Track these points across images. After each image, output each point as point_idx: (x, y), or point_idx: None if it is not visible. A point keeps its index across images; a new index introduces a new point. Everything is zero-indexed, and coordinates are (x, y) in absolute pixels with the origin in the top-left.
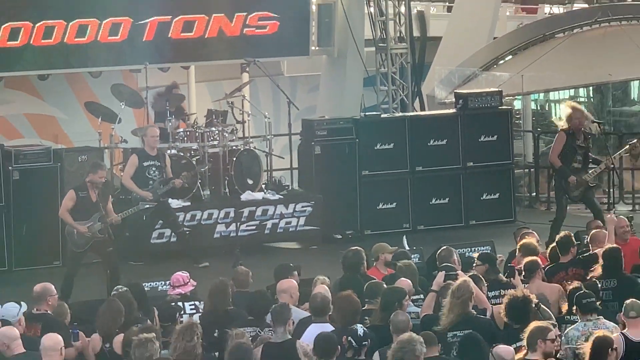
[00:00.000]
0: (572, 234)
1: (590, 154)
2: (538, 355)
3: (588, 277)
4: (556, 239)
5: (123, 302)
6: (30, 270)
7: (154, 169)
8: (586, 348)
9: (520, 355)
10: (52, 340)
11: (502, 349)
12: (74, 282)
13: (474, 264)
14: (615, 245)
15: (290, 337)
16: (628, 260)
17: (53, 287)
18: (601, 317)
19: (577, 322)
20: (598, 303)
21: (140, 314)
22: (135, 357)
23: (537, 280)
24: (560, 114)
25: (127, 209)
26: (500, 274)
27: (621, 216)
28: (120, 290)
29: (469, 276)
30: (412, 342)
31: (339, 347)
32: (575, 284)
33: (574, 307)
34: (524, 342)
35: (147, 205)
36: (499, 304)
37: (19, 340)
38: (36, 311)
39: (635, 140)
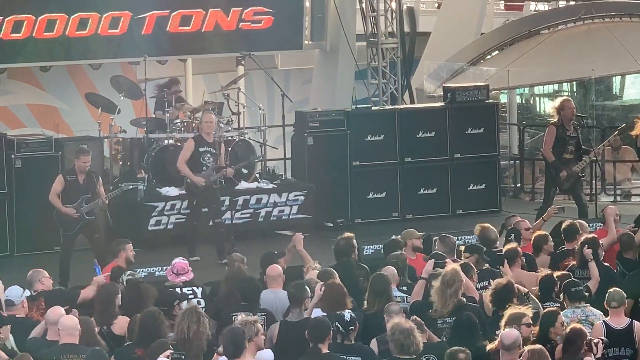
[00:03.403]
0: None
1: (581, 143)
2: None
3: (565, 268)
4: (562, 227)
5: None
6: (31, 255)
7: (208, 155)
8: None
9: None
10: (73, 320)
11: (504, 333)
12: (69, 266)
13: (463, 256)
14: (592, 235)
15: (306, 316)
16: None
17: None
18: (588, 304)
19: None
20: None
21: None
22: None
23: (516, 268)
24: (550, 107)
25: (113, 190)
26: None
27: (611, 205)
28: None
29: (460, 265)
30: (410, 328)
31: (331, 332)
32: (546, 272)
33: (562, 295)
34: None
35: (131, 186)
36: None
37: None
38: (34, 292)
39: (623, 125)
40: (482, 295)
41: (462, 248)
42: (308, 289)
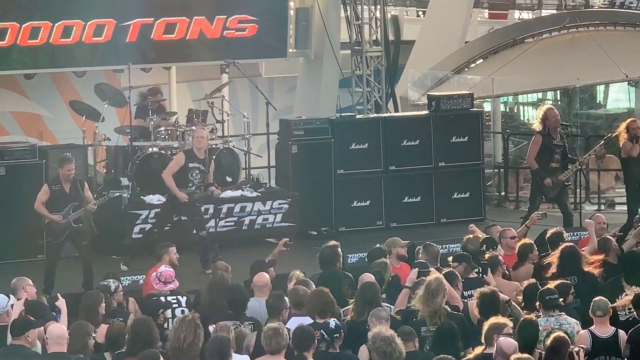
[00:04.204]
0: (561, 229)
1: (567, 152)
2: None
3: (546, 276)
4: (547, 235)
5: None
6: (14, 263)
7: (197, 171)
8: (545, 347)
9: (479, 350)
10: (61, 329)
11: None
12: (55, 274)
13: (451, 266)
14: (571, 243)
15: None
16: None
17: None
18: (563, 313)
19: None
20: (561, 300)
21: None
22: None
23: (497, 276)
24: (535, 117)
25: (100, 197)
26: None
27: (598, 213)
28: (107, 283)
29: (444, 273)
30: (391, 335)
31: (316, 340)
32: (531, 281)
33: (537, 303)
34: (482, 339)
35: (118, 193)
36: None
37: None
38: (17, 300)
39: (609, 135)
40: (467, 304)
41: (450, 258)
42: (287, 300)
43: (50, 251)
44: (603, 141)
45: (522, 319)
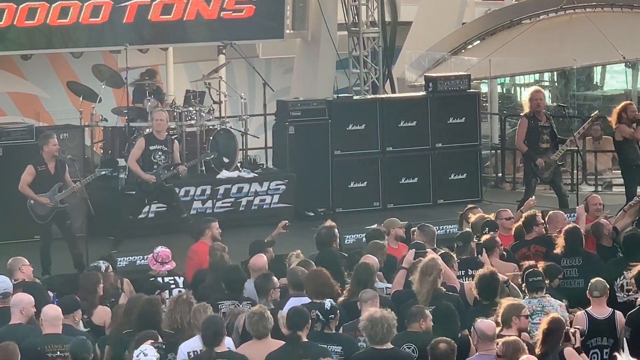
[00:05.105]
0: (539, 213)
1: (555, 132)
2: (513, 331)
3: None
4: (522, 218)
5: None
6: (11, 244)
7: (160, 153)
8: (539, 330)
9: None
10: (56, 310)
11: (484, 323)
12: (50, 255)
13: (456, 245)
14: (575, 224)
15: (273, 307)
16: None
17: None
18: (547, 295)
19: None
20: (556, 281)
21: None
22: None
23: (494, 257)
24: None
25: (87, 176)
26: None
27: (594, 194)
28: (97, 264)
29: (440, 254)
30: (381, 317)
31: (310, 320)
32: (532, 262)
33: (523, 284)
34: (499, 319)
35: (104, 172)
36: None
37: (20, 308)
38: (14, 281)
39: (596, 112)
40: (463, 285)
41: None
42: (275, 280)
43: (42, 233)
44: (591, 119)
45: (550, 317)
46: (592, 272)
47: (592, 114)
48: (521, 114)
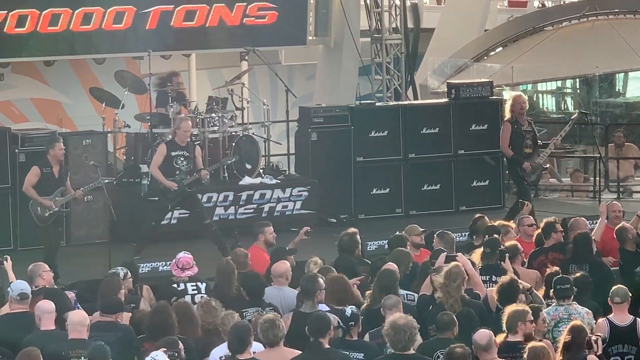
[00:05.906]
0: (558, 220)
1: (537, 136)
2: (519, 336)
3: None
4: (541, 225)
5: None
6: (35, 249)
7: (182, 158)
8: (562, 338)
9: (501, 338)
10: (81, 315)
11: (478, 333)
12: (56, 259)
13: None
14: (585, 230)
15: (318, 309)
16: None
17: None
18: (574, 302)
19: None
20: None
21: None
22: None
23: (516, 265)
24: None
25: (89, 184)
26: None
27: (615, 201)
28: (116, 270)
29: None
30: (404, 324)
31: (332, 327)
32: (554, 268)
33: (551, 291)
34: (504, 326)
35: (107, 180)
36: None
37: (52, 315)
38: (35, 287)
39: (576, 114)
40: (487, 291)
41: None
42: (321, 281)
43: (44, 237)
44: (571, 120)
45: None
46: (599, 280)
47: (572, 116)
48: (504, 119)
